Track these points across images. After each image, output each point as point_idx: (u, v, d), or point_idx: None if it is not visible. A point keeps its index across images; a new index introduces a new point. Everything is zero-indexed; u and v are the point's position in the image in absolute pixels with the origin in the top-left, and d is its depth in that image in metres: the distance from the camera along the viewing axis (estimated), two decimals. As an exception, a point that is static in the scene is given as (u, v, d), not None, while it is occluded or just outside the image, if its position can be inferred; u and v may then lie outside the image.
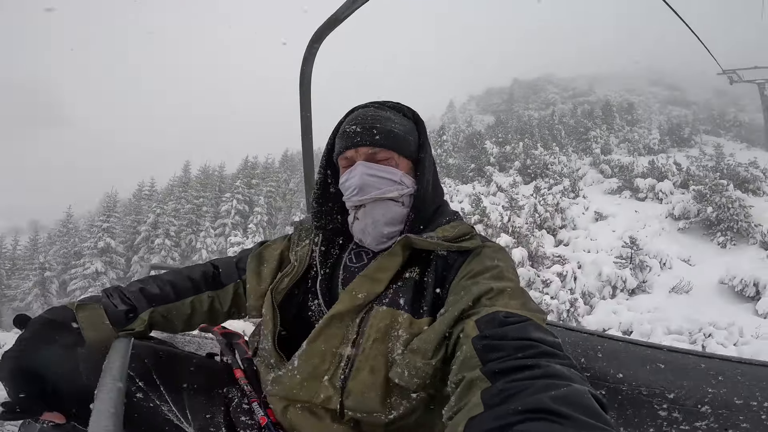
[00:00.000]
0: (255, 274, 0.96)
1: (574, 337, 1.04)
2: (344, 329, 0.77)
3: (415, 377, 0.70)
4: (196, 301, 0.95)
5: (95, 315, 0.81)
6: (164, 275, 0.97)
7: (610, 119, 24.56)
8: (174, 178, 28.26)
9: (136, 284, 0.92)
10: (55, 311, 0.81)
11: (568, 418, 0.44)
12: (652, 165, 16.11)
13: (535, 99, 42.65)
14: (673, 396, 0.88)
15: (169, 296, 0.92)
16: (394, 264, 0.80)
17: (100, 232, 19.32)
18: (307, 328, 0.83)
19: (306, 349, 0.77)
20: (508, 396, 0.50)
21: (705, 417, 0.85)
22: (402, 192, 0.87)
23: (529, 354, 0.56)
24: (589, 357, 0.98)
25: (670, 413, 0.88)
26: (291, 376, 0.76)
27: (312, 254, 0.93)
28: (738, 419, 0.83)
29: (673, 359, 0.93)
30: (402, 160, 0.88)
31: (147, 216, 20.80)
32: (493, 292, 0.70)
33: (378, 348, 0.74)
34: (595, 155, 19.70)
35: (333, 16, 1.50)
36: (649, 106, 34.41)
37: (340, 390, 0.74)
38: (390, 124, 0.88)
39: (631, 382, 0.93)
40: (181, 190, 23.53)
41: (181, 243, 20.41)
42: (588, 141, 21.66)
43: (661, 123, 25.96)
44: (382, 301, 0.78)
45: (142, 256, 19.96)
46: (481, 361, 0.58)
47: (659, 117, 29.43)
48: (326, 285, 0.88)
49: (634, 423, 0.91)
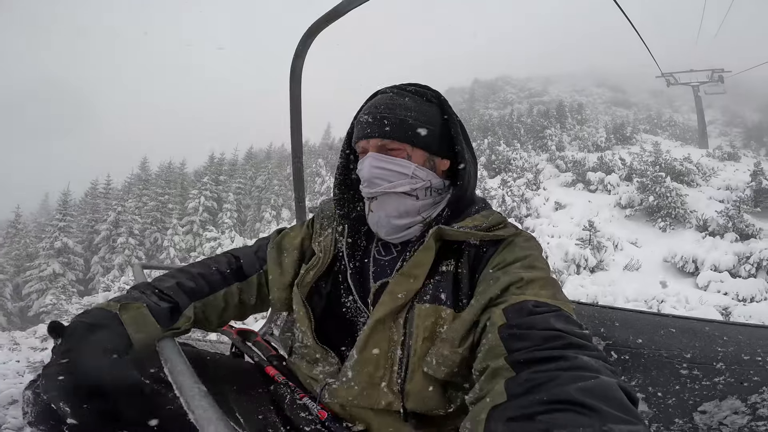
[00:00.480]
0: (276, 264, 0.92)
1: (590, 310, 1.09)
2: (390, 331, 0.75)
3: (442, 365, 0.70)
4: (228, 294, 0.89)
5: (140, 315, 0.74)
6: (191, 268, 0.90)
7: (563, 119, 26.19)
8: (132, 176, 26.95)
9: (167, 279, 0.85)
10: (94, 314, 0.73)
11: (594, 410, 0.43)
12: (601, 160, 17.58)
13: (494, 98, 44.52)
14: (690, 356, 0.93)
15: (204, 290, 0.86)
16: (428, 258, 0.77)
17: (56, 232, 18.18)
18: (343, 323, 0.84)
19: (358, 359, 0.75)
20: (532, 386, 0.49)
21: (722, 373, 0.89)
22: (415, 186, 0.82)
23: (557, 345, 0.55)
24: (608, 327, 1.04)
25: (690, 371, 0.93)
26: (348, 388, 0.75)
27: (336, 244, 0.89)
28: (749, 373, 0.87)
29: (681, 324, 0.99)
30: (416, 151, 0.82)
31: (107, 214, 19.79)
32: (522, 282, 0.68)
33: (427, 346, 0.73)
34: (551, 152, 21.05)
35: (333, 11, 1.41)
36: (596, 106, 36.95)
37: (399, 394, 0.73)
38: (404, 113, 0.82)
39: (651, 346, 0.97)
40: (141, 188, 22.55)
41: (145, 242, 19.65)
42: (544, 139, 22.98)
43: (606, 122, 27.83)
44: (422, 298, 0.76)
45: (103, 256, 19.00)
46: (506, 350, 0.57)
47: (605, 117, 31.57)
48: (358, 279, 0.85)
49: (660, 382, 0.95)
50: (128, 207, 20.24)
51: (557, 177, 17.93)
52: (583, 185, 16.21)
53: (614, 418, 0.42)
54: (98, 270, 18.75)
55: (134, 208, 20.40)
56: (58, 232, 18.17)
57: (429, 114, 0.84)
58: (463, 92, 50.43)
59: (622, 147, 22.80)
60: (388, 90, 0.87)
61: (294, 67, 1.59)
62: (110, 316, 0.72)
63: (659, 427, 0.95)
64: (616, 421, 0.42)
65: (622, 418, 0.43)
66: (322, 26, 1.47)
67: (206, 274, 0.88)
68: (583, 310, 1.09)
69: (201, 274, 0.88)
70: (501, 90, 48.44)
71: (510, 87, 49.56)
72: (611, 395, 0.45)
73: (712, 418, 0.89)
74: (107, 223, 19.25)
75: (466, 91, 50.59)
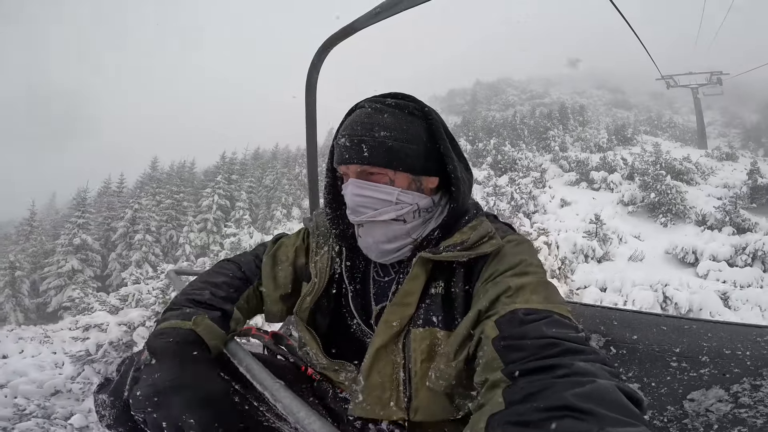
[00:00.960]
0: (271, 278, 0.94)
1: (591, 311, 1.18)
2: (392, 356, 0.78)
3: (440, 379, 0.72)
4: (249, 296, 0.93)
5: (208, 325, 0.78)
6: (211, 278, 0.92)
7: (565, 120, 26.61)
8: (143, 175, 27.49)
9: (201, 291, 0.87)
10: (177, 333, 0.76)
11: (592, 414, 0.43)
12: (603, 160, 18.12)
13: (496, 100, 44.88)
14: (678, 350, 1.01)
15: (233, 295, 0.90)
16: (417, 286, 0.78)
17: (75, 228, 18.68)
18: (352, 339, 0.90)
19: (365, 385, 0.78)
20: (529, 394, 0.49)
21: (706, 365, 0.97)
22: (401, 212, 0.80)
23: (552, 353, 0.55)
24: (607, 325, 1.12)
25: (679, 363, 1.00)
26: (362, 408, 0.78)
27: (333, 264, 0.90)
28: (730, 365, 0.95)
29: (671, 323, 1.07)
30: (399, 174, 0.79)
31: (123, 212, 20.30)
32: (511, 290, 0.67)
33: (427, 366, 0.75)
34: (554, 152, 21.46)
35: (349, 26, 1.44)
36: (596, 108, 37.24)
37: (406, 411, 0.76)
38: (384, 133, 0.78)
39: (645, 342, 1.06)
40: (155, 186, 23.08)
41: (161, 239, 20.16)
42: (547, 140, 23.35)
43: (608, 124, 28.28)
44: (416, 322, 0.78)
45: (120, 253, 19.50)
46: (503, 362, 0.57)
47: (606, 118, 31.97)
48: (360, 302, 0.88)
49: (654, 373, 1.03)
50: (144, 205, 20.75)
51: (561, 176, 18.43)
52: (586, 184, 16.72)
53: (612, 421, 0.42)
54: (115, 267, 19.21)
55: (150, 205, 20.92)
56: (77, 229, 18.64)
57: (411, 131, 0.80)
58: (465, 94, 50.88)
59: (623, 148, 23.18)
60: (367, 105, 0.83)
61: (309, 78, 1.64)
62: (191, 333, 0.76)
63: (654, 414, 1.02)
64: (614, 424, 0.42)
65: (622, 420, 0.43)
66: (338, 40, 1.53)
67: (228, 282, 0.92)
68: (585, 311, 1.18)
69: (224, 282, 0.91)
70: (503, 92, 48.78)
71: (511, 89, 50.00)
72: (609, 398, 0.45)
73: (700, 406, 0.96)
74: (124, 220, 19.75)
75: (467, 92, 50.97)
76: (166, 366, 0.71)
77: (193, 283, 0.92)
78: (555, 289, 0.72)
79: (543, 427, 0.44)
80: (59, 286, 17.81)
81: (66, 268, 18.16)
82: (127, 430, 0.79)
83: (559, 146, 22.59)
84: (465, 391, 0.74)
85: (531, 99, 43.63)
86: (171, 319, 0.78)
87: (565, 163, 19.55)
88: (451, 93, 53.82)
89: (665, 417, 1.00)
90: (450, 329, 0.76)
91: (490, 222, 0.84)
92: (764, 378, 0.91)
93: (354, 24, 1.42)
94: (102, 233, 20.93)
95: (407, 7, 1.27)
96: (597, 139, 24.14)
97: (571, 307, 0.80)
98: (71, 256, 18.52)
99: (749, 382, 0.92)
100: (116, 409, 0.79)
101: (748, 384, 0.92)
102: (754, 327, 1.00)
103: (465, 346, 0.70)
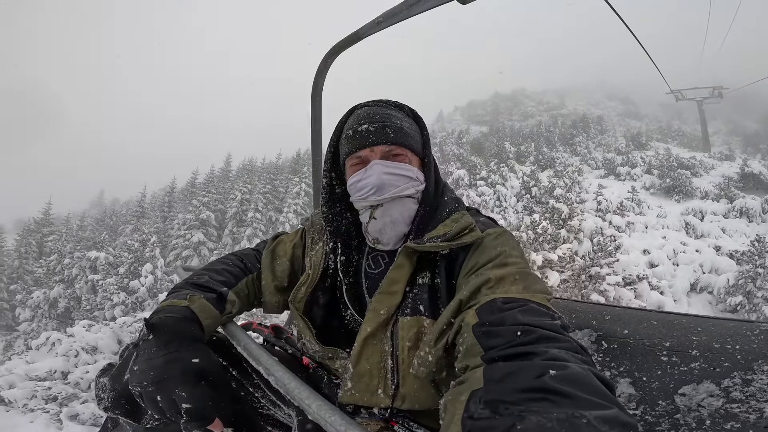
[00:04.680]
0: (269, 270, 1.01)
1: (584, 307, 1.21)
2: (380, 344, 0.81)
3: (421, 366, 0.75)
4: (248, 282, 1.00)
5: (203, 303, 0.82)
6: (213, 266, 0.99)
7: (587, 128, 29.88)
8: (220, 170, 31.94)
9: (201, 276, 0.93)
10: (173, 309, 0.80)
11: (568, 396, 0.44)
12: (626, 159, 22.44)
13: (516, 111, 46.51)
14: (669, 344, 1.02)
15: (232, 280, 0.96)
16: (402, 274, 0.82)
17: (200, 206, 23.02)
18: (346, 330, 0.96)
19: (353, 372, 0.81)
20: (507, 374, 0.51)
21: (697, 359, 0.98)
22: (417, 188, 0.88)
23: (528, 340, 0.57)
24: (599, 320, 1.15)
25: (670, 358, 1.01)
26: (351, 395, 0.81)
27: (327, 259, 0.96)
28: (720, 359, 0.95)
29: (661, 318, 1.09)
30: (414, 157, 0.89)
31: (233, 194, 24.69)
32: (492, 281, 0.71)
33: (413, 354, 0.78)
34: (582, 154, 25.29)
35: (354, 33, 1.49)
36: (611, 118, 38.89)
37: (393, 398, 0.79)
38: (399, 121, 0.89)
39: (635, 336, 1.07)
40: (247, 176, 27.47)
41: (263, 218, 24.47)
42: (574, 145, 26.72)
43: (624, 132, 31.09)
44: (404, 311, 0.82)
45: (231, 230, 23.78)
46: (482, 348, 0.60)
47: (620, 128, 34.10)
48: (353, 294, 0.94)
49: (645, 368, 1.03)
50: (251, 188, 25.07)
51: (591, 172, 22.76)
52: (614, 177, 20.98)
53: (588, 403, 0.44)
54: (228, 242, 23.36)
55: (258, 190, 25.12)
56: (202, 207, 23.02)
57: (413, 124, 0.93)
58: (484, 105, 52.89)
59: (639, 152, 26.98)
60: (371, 103, 0.93)
61: (315, 84, 1.69)
62: (186, 310, 0.80)
63: (645, 408, 1.00)
64: (589, 407, 0.43)
65: (596, 402, 0.44)
66: (344, 48, 1.58)
67: (227, 269, 0.98)
68: (577, 307, 1.21)
69: (224, 269, 0.98)
70: (521, 103, 50.68)
71: (528, 100, 51.82)
72: (584, 381, 0.47)
73: (691, 400, 0.94)
74: (236, 201, 24.12)
75: (487, 103, 53.00)
76: (162, 341, 0.74)
77: (195, 272, 0.99)
78: (536, 278, 0.74)
79: (520, 408, 0.45)
80: (189, 256, 21.84)
81: (194, 240, 22.36)
82: (123, 412, 0.80)
83: (585, 149, 26.71)
84: (450, 380, 0.68)
85: (549, 110, 44.97)
86: (169, 299, 0.85)
87: (593, 162, 23.83)
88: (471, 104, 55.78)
89: (657, 412, 0.99)
90: (436, 318, 0.79)
91: (471, 216, 0.90)
92: (755, 373, 0.89)
93: (358, 32, 1.51)
94: (215, 213, 25.12)
95: (407, 16, 1.35)
96: (616, 144, 27.48)
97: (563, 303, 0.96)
98: (196, 230, 22.78)
99: (740, 377, 0.90)
100: (115, 392, 0.80)
101: (739, 379, 0.90)
102: (744, 322, 1.00)
103: (445, 334, 0.72)
